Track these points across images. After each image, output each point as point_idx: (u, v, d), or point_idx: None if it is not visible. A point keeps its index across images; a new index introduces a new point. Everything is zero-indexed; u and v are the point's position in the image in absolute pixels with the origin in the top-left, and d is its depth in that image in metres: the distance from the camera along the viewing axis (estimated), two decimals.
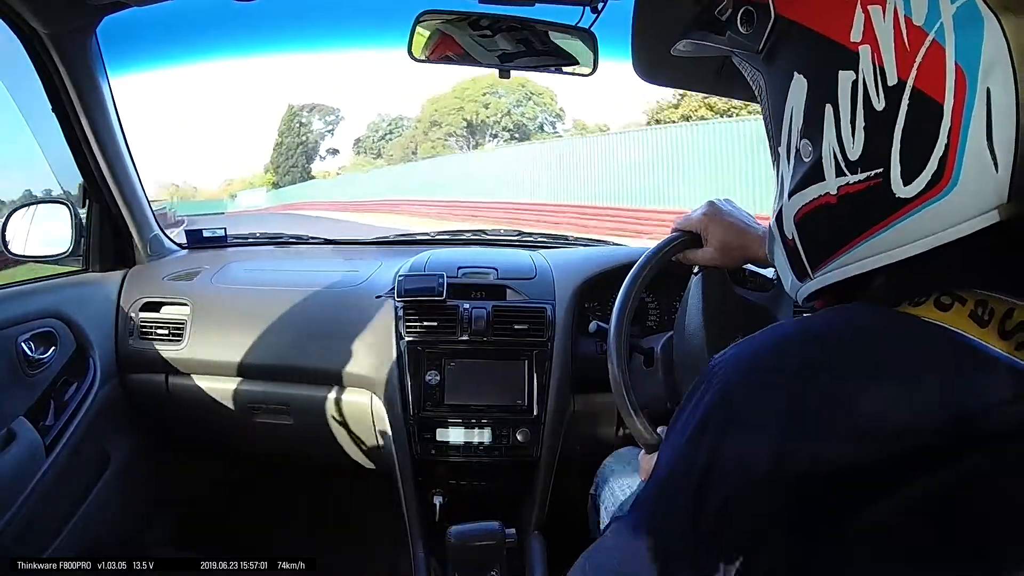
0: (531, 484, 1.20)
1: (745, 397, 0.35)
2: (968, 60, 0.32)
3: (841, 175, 0.38)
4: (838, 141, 0.38)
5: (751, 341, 0.37)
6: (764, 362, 0.36)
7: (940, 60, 0.33)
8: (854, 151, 0.37)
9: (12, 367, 1.03)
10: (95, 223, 1.26)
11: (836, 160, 0.38)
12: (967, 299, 0.34)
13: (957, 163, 0.33)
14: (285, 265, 1.43)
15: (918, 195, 0.34)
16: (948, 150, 0.33)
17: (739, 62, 0.48)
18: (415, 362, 1.16)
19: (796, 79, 0.40)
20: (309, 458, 1.49)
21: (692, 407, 0.37)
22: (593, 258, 1.30)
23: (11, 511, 0.99)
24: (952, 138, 0.32)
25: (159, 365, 1.27)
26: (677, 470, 0.37)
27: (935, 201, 0.33)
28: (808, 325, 0.38)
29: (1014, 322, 0.33)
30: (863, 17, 0.36)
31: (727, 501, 0.33)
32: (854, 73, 0.36)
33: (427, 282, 1.17)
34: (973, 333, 0.33)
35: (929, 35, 0.33)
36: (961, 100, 0.32)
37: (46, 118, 1.13)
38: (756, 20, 0.44)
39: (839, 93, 0.37)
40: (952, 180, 0.33)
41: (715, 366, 0.38)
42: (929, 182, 0.33)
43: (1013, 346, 0.32)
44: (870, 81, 0.35)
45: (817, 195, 0.40)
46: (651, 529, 0.38)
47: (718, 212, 0.77)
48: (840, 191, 0.38)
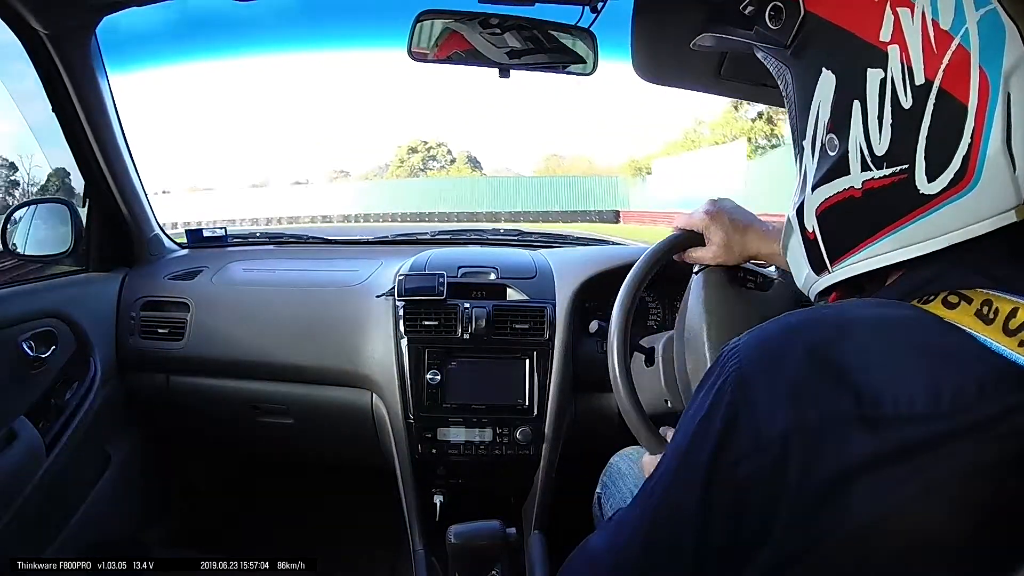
0: (532, 483, 1.20)
1: (757, 380, 0.36)
2: (991, 64, 0.33)
3: (867, 169, 0.39)
4: (865, 136, 0.39)
5: (763, 329, 0.38)
6: (776, 348, 0.36)
7: (965, 63, 0.34)
8: (880, 147, 0.38)
9: (12, 367, 1.03)
10: (95, 223, 1.25)
11: (862, 154, 0.39)
12: (973, 298, 0.35)
13: (980, 162, 0.34)
14: (285, 264, 1.43)
15: (941, 192, 0.35)
16: (971, 149, 0.34)
17: (764, 57, 0.49)
18: (415, 361, 1.16)
19: (824, 75, 0.41)
20: (309, 457, 1.49)
21: (706, 391, 0.38)
22: (593, 257, 1.30)
23: (11, 511, 0.99)
24: (975, 138, 0.34)
25: (159, 365, 1.27)
26: (692, 446, 0.38)
27: (958, 198, 0.35)
28: (819, 314, 0.38)
29: (1018, 321, 0.33)
30: (892, 18, 0.37)
31: (740, 476, 0.34)
32: (883, 71, 0.37)
33: (427, 282, 1.17)
34: (978, 330, 0.34)
35: (955, 39, 0.35)
36: (984, 102, 0.33)
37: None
38: (785, 15, 0.44)
39: (867, 90, 0.38)
40: (975, 178, 0.34)
41: (729, 352, 0.38)
42: (952, 179, 0.35)
43: (1016, 343, 0.33)
44: (898, 79, 0.37)
45: (841, 188, 0.41)
46: (664, 500, 0.39)
47: (720, 210, 0.77)
48: (865, 185, 0.39)
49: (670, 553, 0.38)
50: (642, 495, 0.42)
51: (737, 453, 0.35)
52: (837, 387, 0.33)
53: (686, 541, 0.36)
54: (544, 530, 1.19)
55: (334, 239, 1.61)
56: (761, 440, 0.34)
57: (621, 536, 0.42)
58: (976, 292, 0.35)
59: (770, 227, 0.76)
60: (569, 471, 1.18)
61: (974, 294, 0.35)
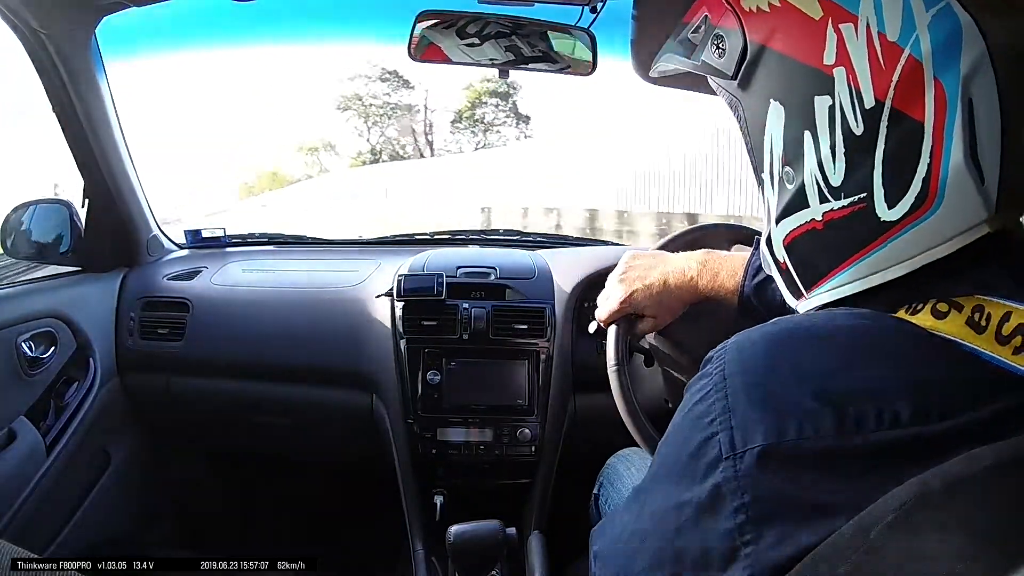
0: (531, 484, 1.21)
1: (738, 390, 0.35)
2: (947, 72, 0.32)
3: (825, 201, 0.38)
4: (819, 167, 0.37)
5: (749, 336, 0.37)
6: (759, 361, 0.36)
7: (918, 76, 0.32)
8: (836, 177, 0.37)
9: (12, 367, 1.03)
10: (94, 223, 1.25)
11: (818, 186, 0.38)
12: (964, 305, 0.34)
13: (941, 183, 0.33)
14: (285, 265, 1.43)
15: (903, 217, 0.34)
16: (931, 170, 0.33)
17: (716, 86, 0.47)
18: (415, 362, 1.16)
19: (773, 106, 0.40)
20: (309, 458, 1.49)
21: (692, 395, 0.38)
22: (593, 258, 1.30)
23: (11, 511, 0.99)
24: (934, 159, 0.32)
25: (159, 365, 1.27)
26: (676, 450, 0.37)
27: (921, 222, 0.34)
28: (803, 325, 0.37)
29: (1011, 326, 0.32)
30: (836, 37, 0.35)
31: (726, 481, 0.33)
32: (830, 97, 0.36)
33: (427, 282, 1.17)
34: (970, 340, 0.33)
35: (905, 50, 0.33)
36: (942, 118, 0.32)
37: None
38: (728, 45, 0.42)
39: (816, 119, 0.37)
40: (937, 199, 0.33)
41: (713, 358, 0.38)
42: (913, 204, 0.34)
43: (1010, 351, 0.32)
44: (847, 105, 0.35)
45: (804, 221, 0.40)
46: (648, 504, 0.38)
47: (630, 283, 0.74)
48: (825, 217, 0.38)
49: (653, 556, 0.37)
50: (633, 496, 0.41)
51: (716, 458, 0.34)
52: (819, 405, 0.32)
53: (666, 548, 0.36)
54: (544, 530, 1.19)
55: (333, 239, 1.61)
56: (737, 449, 0.33)
57: (615, 528, 0.42)
58: (966, 298, 0.34)
59: (691, 268, 0.71)
60: (570, 471, 1.18)
61: (965, 300, 0.34)
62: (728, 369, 0.36)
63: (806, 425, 0.32)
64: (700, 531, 0.34)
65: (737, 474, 0.33)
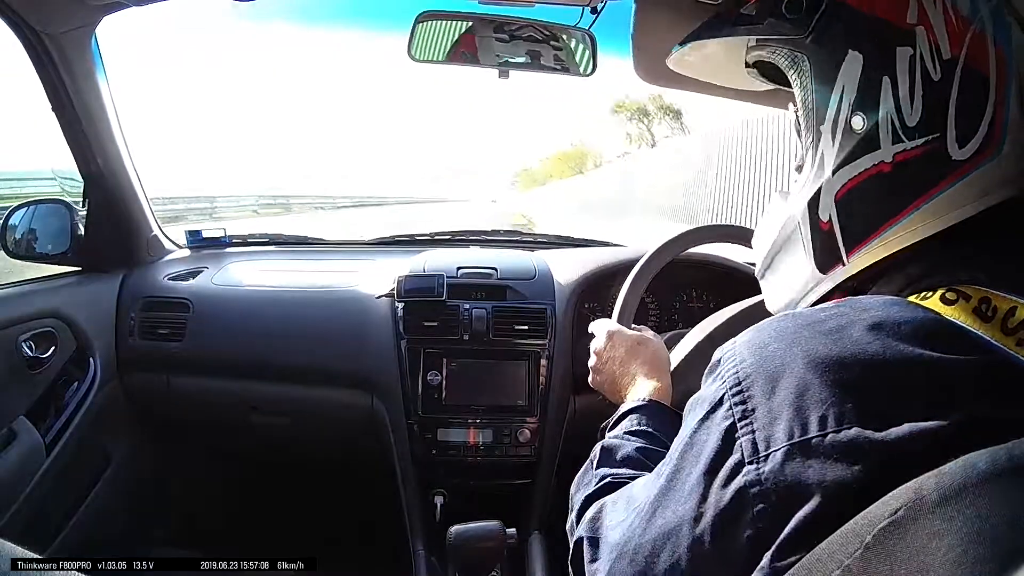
0: (532, 484, 1.21)
1: (759, 394, 0.35)
2: (1005, 46, 0.37)
3: (898, 142, 0.40)
4: (896, 110, 0.40)
5: (759, 334, 0.38)
6: (774, 357, 0.36)
7: (984, 44, 0.38)
8: (912, 118, 0.40)
9: (12, 367, 1.03)
10: (95, 223, 1.25)
11: (893, 127, 0.40)
12: (971, 295, 0.35)
13: (1003, 130, 0.37)
14: (285, 265, 1.43)
15: (971, 157, 0.38)
16: (995, 118, 0.37)
17: (771, 52, 0.49)
18: (415, 362, 1.16)
19: (851, 56, 0.43)
20: (309, 458, 1.49)
21: (702, 397, 0.38)
22: (593, 259, 1.30)
23: (11, 511, 0.99)
24: (997, 108, 0.37)
25: (159, 365, 1.27)
26: (689, 452, 0.38)
27: (986, 163, 0.37)
28: (815, 318, 0.37)
29: (1016, 320, 0.34)
30: (917, 4, 0.40)
31: (750, 485, 0.34)
32: (911, 48, 0.40)
33: (427, 282, 1.17)
34: (977, 327, 0.34)
35: (972, 24, 0.38)
36: (1003, 77, 0.37)
37: None
38: (805, 7, 0.46)
39: (897, 66, 0.40)
40: (999, 144, 0.37)
41: (723, 360, 0.38)
42: (982, 145, 0.37)
43: (1015, 342, 0.33)
44: (927, 55, 0.39)
45: (869, 165, 0.42)
46: (661, 500, 0.39)
47: (599, 373, 0.78)
48: (896, 158, 0.41)
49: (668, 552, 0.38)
50: (653, 480, 0.42)
51: (739, 463, 0.34)
52: (839, 400, 0.32)
53: (681, 551, 0.36)
54: (544, 530, 1.19)
55: (334, 240, 1.61)
56: (760, 452, 0.34)
57: (630, 514, 0.43)
58: (973, 289, 0.36)
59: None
60: (570, 472, 1.18)
61: (972, 291, 0.35)
62: (742, 372, 0.36)
63: (829, 418, 0.32)
64: (723, 539, 0.35)
65: (761, 477, 0.33)
